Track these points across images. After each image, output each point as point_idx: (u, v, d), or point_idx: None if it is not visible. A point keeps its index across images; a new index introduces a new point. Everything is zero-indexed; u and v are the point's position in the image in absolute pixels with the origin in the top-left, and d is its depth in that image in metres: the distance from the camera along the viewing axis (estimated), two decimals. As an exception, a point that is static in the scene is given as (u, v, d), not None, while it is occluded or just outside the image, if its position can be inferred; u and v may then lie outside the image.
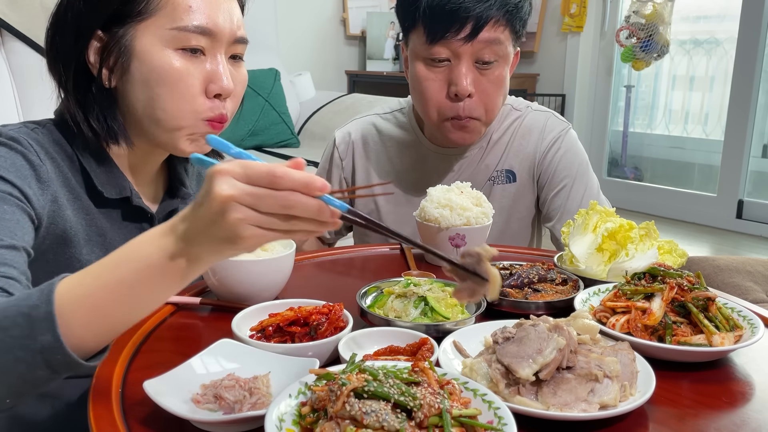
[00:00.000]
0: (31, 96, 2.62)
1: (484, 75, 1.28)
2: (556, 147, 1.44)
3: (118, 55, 0.90)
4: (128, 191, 0.99)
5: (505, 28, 1.26)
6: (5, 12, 2.62)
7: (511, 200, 1.46)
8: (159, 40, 0.90)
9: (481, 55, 1.26)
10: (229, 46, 0.95)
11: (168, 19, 0.89)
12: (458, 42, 1.24)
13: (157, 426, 0.65)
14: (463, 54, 1.26)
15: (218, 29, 0.92)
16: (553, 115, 1.48)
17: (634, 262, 1.00)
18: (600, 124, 4.84)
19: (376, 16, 4.44)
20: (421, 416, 0.56)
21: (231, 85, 0.94)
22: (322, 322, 0.80)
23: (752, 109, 4.03)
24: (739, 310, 0.90)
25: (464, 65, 1.26)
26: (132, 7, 0.89)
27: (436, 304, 0.89)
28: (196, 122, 0.94)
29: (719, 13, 4.38)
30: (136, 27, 0.90)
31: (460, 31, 1.23)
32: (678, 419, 0.70)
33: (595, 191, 1.44)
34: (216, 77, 0.93)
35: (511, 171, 1.45)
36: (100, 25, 0.90)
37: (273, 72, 3.43)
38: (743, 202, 4.14)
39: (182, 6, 0.90)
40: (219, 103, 0.95)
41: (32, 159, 0.89)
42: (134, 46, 0.90)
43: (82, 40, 0.91)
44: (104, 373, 0.75)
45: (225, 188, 0.59)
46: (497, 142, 1.45)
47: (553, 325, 0.73)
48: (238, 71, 0.98)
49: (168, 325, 0.92)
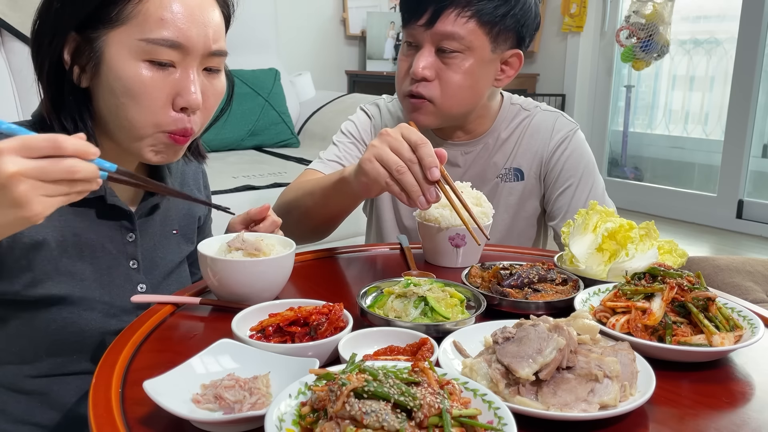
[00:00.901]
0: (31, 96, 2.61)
1: (446, 64, 1.33)
2: (564, 147, 1.45)
3: (89, 58, 0.90)
4: (102, 190, 0.98)
5: (469, 21, 1.29)
6: (5, 12, 2.62)
7: (519, 198, 1.47)
8: (128, 49, 0.88)
9: (441, 44, 1.31)
10: (204, 59, 0.93)
11: (139, 30, 0.88)
12: (419, 28, 1.31)
13: (157, 426, 0.65)
14: (424, 40, 1.32)
15: (190, 43, 0.90)
16: (561, 115, 1.49)
17: (634, 262, 1.00)
18: (600, 124, 4.84)
19: (376, 16, 4.44)
20: (421, 416, 0.56)
21: (199, 100, 0.92)
22: (322, 322, 0.80)
23: (752, 109, 4.03)
24: (739, 310, 0.90)
25: (425, 50, 1.33)
26: (105, 13, 0.88)
27: (436, 304, 0.89)
28: (156, 134, 0.93)
29: (719, 13, 4.38)
30: (108, 33, 0.89)
31: (420, 18, 1.30)
32: (678, 419, 0.70)
33: (600, 192, 1.44)
34: (184, 91, 0.91)
35: (519, 169, 1.46)
36: (74, 26, 0.90)
37: (273, 72, 3.43)
38: (743, 202, 4.14)
39: (154, 17, 0.88)
40: (184, 117, 0.93)
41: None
42: (104, 52, 0.89)
43: (58, 38, 0.90)
44: (104, 373, 0.75)
45: (9, 166, 0.63)
46: (506, 141, 1.46)
47: (553, 325, 0.73)
48: (213, 83, 0.97)
49: (168, 325, 0.92)
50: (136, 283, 1.05)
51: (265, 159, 3.10)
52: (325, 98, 3.61)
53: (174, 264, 1.13)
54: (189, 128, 0.94)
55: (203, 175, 1.25)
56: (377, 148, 1.03)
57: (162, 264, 1.10)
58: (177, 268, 1.14)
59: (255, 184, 2.55)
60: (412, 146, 1.02)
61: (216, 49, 0.94)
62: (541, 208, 1.50)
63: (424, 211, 1.18)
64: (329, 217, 1.33)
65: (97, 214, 1.00)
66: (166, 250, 1.11)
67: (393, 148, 1.02)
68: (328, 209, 1.29)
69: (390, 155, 1.02)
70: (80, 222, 0.99)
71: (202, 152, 1.12)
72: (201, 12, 0.91)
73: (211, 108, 0.99)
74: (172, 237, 1.13)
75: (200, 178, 1.24)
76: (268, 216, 1.08)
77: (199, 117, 0.96)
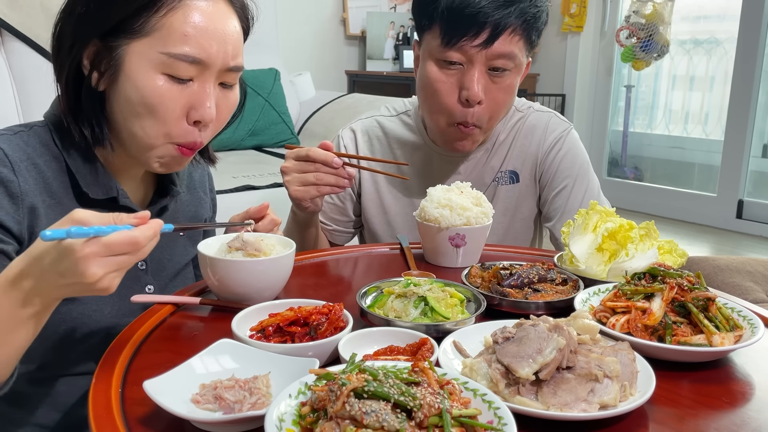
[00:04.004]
0: (31, 96, 2.62)
1: (495, 83, 1.28)
2: (558, 147, 1.44)
3: (108, 65, 0.90)
4: (115, 191, 0.98)
5: (521, 38, 1.26)
6: (5, 12, 2.62)
7: (515, 200, 1.46)
8: (148, 61, 0.89)
9: (494, 64, 1.26)
10: (221, 74, 0.94)
11: (161, 43, 0.88)
12: (474, 48, 1.24)
13: (157, 426, 0.65)
14: (477, 60, 1.25)
15: (210, 60, 0.91)
16: (555, 115, 1.48)
17: (634, 262, 1.00)
18: (600, 124, 4.85)
19: (376, 16, 4.44)
20: (421, 416, 0.56)
21: (213, 114, 0.93)
22: (322, 322, 0.80)
23: (752, 109, 4.03)
24: (739, 310, 0.90)
25: (477, 70, 1.26)
26: (129, 24, 0.88)
27: (436, 304, 0.89)
28: (166, 145, 0.94)
29: (719, 13, 4.39)
30: (129, 43, 0.89)
31: (477, 37, 1.23)
32: (678, 419, 0.70)
33: (595, 192, 1.44)
34: (199, 105, 0.92)
35: (515, 172, 1.45)
36: (98, 35, 0.90)
37: (273, 72, 3.43)
38: (743, 202, 4.14)
39: (177, 32, 0.88)
40: (195, 131, 0.94)
41: (3, 175, 0.89)
42: (124, 61, 0.89)
43: (79, 44, 0.91)
44: (104, 373, 0.75)
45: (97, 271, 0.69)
46: (502, 143, 1.46)
47: (553, 325, 0.73)
48: (227, 96, 0.97)
49: (168, 325, 0.92)
50: (144, 284, 1.05)
51: (265, 159, 3.10)
52: (325, 98, 3.61)
53: (180, 265, 1.13)
54: (199, 142, 0.96)
55: (209, 178, 1.26)
56: (290, 178, 1.22)
57: (169, 265, 1.10)
58: (183, 269, 1.14)
59: (255, 184, 2.55)
60: (305, 158, 1.21)
61: (234, 65, 0.95)
62: (536, 210, 1.49)
63: (424, 211, 1.18)
64: (310, 243, 1.42)
65: None
66: (173, 251, 1.12)
67: (300, 170, 1.21)
68: (304, 239, 1.40)
69: (304, 176, 1.21)
70: None
71: (212, 156, 1.13)
72: (223, 27, 0.92)
73: (223, 121, 1.00)
74: (179, 239, 1.13)
75: (206, 181, 1.25)
76: (267, 214, 1.09)
77: (210, 130, 0.97)
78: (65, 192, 0.96)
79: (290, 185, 1.22)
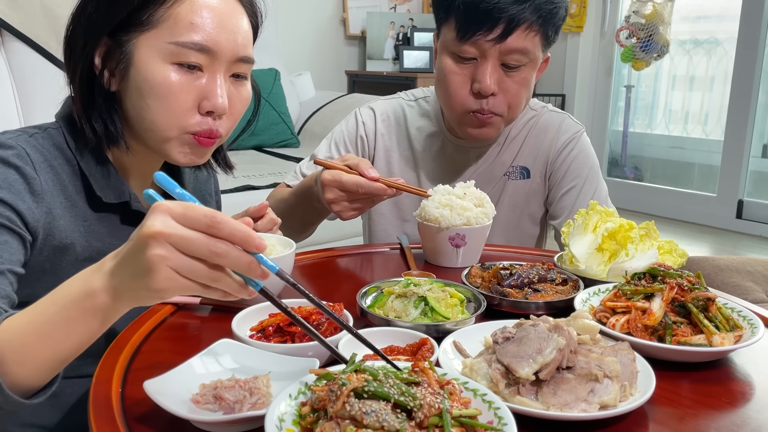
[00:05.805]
0: (31, 96, 2.62)
1: (509, 76, 1.29)
2: (570, 148, 1.45)
3: (118, 61, 0.91)
4: (127, 195, 0.99)
5: (536, 34, 1.26)
6: (5, 12, 2.62)
7: (524, 197, 1.47)
8: (157, 52, 0.89)
9: (508, 59, 1.26)
10: (231, 65, 0.94)
11: (169, 33, 0.89)
12: (488, 43, 1.24)
13: (157, 426, 0.65)
14: (491, 54, 1.26)
15: (218, 48, 0.91)
16: (568, 116, 1.50)
17: (634, 262, 1.00)
18: (600, 124, 4.84)
19: (376, 16, 4.44)
20: (421, 416, 0.56)
21: (225, 104, 0.93)
22: (322, 322, 0.80)
23: (752, 109, 4.03)
24: (739, 310, 0.90)
25: (490, 64, 1.27)
26: (137, 17, 0.89)
27: (436, 304, 0.89)
28: (182, 135, 0.94)
29: (719, 13, 4.38)
30: (138, 36, 0.90)
31: (491, 32, 1.23)
32: (678, 419, 0.70)
33: (603, 196, 1.45)
34: (210, 94, 0.92)
35: (525, 168, 1.47)
36: (108, 31, 0.91)
37: (273, 72, 3.43)
38: (743, 202, 4.14)
39: (184, 21, 0.89)
40: (209, 120, 0.94)
41: (26, 172, 0.89)
42: (134, 55, 0.90)
43: (90, 43, 0.92)
44: (104, 373, 0.75)
45: (157, 224, 0.58)
46: (514, 139, 1.47)
47: (553, 325, 0.73)
48: (239, 90, 0.97)
49: (168, 325, 0.92)
50: None
51: (265, 159, 3.10)
52: (325, 98, 3.61)
53: None
54: (215, 130, 0.95)
55: (215, 181, 1.26)
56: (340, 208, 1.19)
57: None
58: None
59: (255, 184, 2.55)
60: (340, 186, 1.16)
61: (244, 56, 0.95)
62: (545, 208, 1.50)
63: (425, 211, 1.18)
64: (303, 224, 1.39)
65: (120, 220, 1.01)
66: None
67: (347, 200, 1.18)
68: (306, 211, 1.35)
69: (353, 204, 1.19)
70: (104, 227, 0.99)
71: (229, 163, 1.13)
72: (230, 19, 0.93)
73: (238, 114, 0.99)
74: None
75: (211, 183, 1.25)
76: (267, 214, 1.09)
77: (226, 122, 0.97)
78: (78, 195, 0.96)
79: (342, 214, 1.21)
